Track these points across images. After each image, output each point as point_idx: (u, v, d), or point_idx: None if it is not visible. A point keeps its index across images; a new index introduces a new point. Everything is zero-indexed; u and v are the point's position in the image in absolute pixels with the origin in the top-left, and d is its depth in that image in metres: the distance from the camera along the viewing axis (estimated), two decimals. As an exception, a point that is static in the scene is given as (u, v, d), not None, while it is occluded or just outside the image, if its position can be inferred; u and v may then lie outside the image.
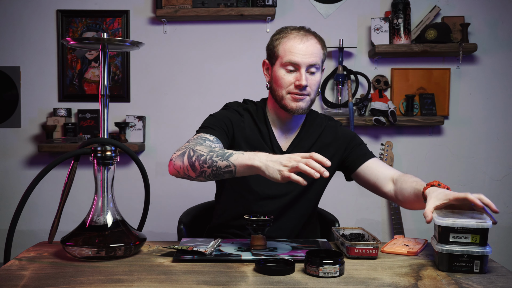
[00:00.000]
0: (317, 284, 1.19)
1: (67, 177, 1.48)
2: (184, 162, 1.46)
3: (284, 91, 1.63)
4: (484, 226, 1.21)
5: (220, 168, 1.40)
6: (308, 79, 1.61)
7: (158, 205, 3.01)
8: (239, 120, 1.70)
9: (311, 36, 1.64)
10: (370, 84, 2.98)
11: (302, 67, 1.60)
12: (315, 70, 1.63)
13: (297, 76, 1.61)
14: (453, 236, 1.23)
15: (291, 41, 1.62)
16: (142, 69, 3.06)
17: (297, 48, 1.60)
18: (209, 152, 1.43)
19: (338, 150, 1.74)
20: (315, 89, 1.65)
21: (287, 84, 1.62)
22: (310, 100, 1.66)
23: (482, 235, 1.21)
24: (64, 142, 2.90)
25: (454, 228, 1.23)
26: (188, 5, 2.90)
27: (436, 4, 2.98)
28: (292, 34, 1.63)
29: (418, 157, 3.06)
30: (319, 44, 1.65)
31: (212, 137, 1.59)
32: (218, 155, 1.42)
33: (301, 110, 1.64)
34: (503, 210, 3.08)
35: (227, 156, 1.40)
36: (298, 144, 1.72)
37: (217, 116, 1.70)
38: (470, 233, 1.21)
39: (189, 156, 1.45)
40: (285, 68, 1.62)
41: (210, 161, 1.41)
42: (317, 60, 1.62)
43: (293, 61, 1.60)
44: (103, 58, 1.45)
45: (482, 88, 3.05)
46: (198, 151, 1.45)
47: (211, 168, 1.41)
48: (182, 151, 1.49)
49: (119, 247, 1.37)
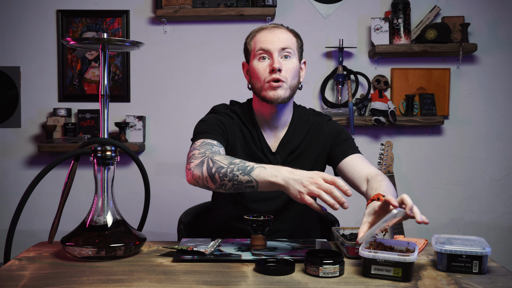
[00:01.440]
0: (317, 284, 1.19)
1: (67, 177, 1.48)
2: (203, 173, 1.42)
3: (261, 81, 1.62)
4: (406, 260, 1.19)
5: (242, 183, 1.38)
6: (282, 63, 1.61)
7: (158, 205, 3.01)
8: (230, 123, 1.69)
9: (280, 27, 1.67)
10: (370, 84, 2.98)
11: (273, 52, 1.61)
12: (289, 54, 1.62)
13: (270, 62, 1.62)
14: (374, 268, 1.23)
15: (260, 33, 1.66)
16: (142, 69, 3.06)
17: (267, 37, 1.63)
18: (229, 165, 1.40)
19: (325, 146, 1.73)
20: (291, 75, 1.62)
21: (262, 72, 1.62)
22: (289, 88, 1.63)
23: (405, 269, 1.20)
24: (64, 142, 2.90)
25: (376, 260, 1.22)
26: (188, 5, 2.90)
27: (436, 4, 2.98)
28: (262, 29, 1.67)
29: (418, 157, 3.06)
30: (290, 32, 1.67)
31: (215, 141, 1.58)
32: (239, 168, 1.38)
33: (280, 98, 1.61)
34: (503, 210, 3.08)
35: (248, 170, 1.37)
36: (286, 143, 1.71)
37: (209, 121, 1.68)
38: (392, 266, 1.21)
39: (209, 167, 1.42)
40: (258, 57, 1.63)
41: (231, 174, 1.38)
42: (289, 44, 1.63)
43: (264, 48, 1.61)
44: (103, 58, 1.45)
45: (482, 88, 3.05)
46: (217, 162, 1.42)
47: (232, 182, 1.39)
48: (200, 160, 1.45)
49: (119, 247, 1.37)
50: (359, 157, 1.69)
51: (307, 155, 1.71)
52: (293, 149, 1.70)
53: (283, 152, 1.70)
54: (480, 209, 3.07)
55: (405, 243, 1.32)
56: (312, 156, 1.72)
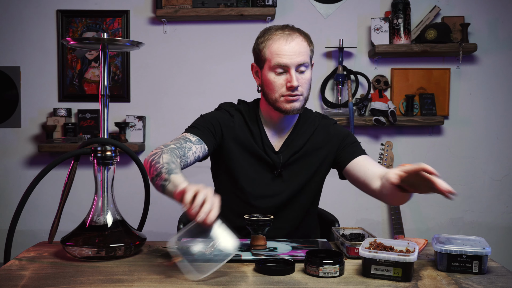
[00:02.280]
0: (317, 284, 1.19)
1: (67, 177, 1.48)
2: (146, 162, 1.48)
3: (277, 94, 1.62)
4: (406, 260, 1.20)
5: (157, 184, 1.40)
6: (299, 78, 1.60)
7: (158, 205, 3.01)
8: (229, 120, 1.71)
9: (296, 35, 1.62)
10: (370, 84, 2.98)
11: (291, 68, 1.59)
12: (305, 69, 1.61)
13: (287, 77, 1.60)
14: (374, 268, 1.23)
15: (276, 43, 1.60)
16: (142, 69, 3.06)
17: (284, 50, 1.58)
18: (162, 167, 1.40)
19: (331, 149, 1.74)
20: (307, 87, 1.64)
21: (279, 87, 1.61)
22: (304, 99, 1.64)
23: (405, 269, 1.20)
24: (64, 142, 2.90)
25: (376, 260, 1.22)
26: (188, 5, 2.90)
27: (436, 4, 2.98)
28: (276, 36, 1.61)
29: (418, 157, 3.06)
30: (305, 41, 1.63)
31: (194, 138, 1.62)
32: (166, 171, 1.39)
33: (296, 110, 1.63)
34: (503, 210, 3.08)
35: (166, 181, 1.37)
36: (290, 144, 1.71)
37: (206, 117, 1.72)
38: (392, 266, 1.21)
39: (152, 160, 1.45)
40: (274, 71, 1.61)
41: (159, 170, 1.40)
42: (305, 58, 1.60)
43: (281, 63, 1.58)
44: (103, 58, 1.45)
45: (482, 88, 3.05)
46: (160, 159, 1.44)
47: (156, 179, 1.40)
48: (155, 151, 1.50)
49: (119, 247, 1.37)
50: (369, 158, 1.71)
51: (311, 157, 1.72)
52: (296, 150, 1.71)
53: (286, 152, 1.70)
54: (480, 209, 3.07)
55: (405, 243, 1.32)
56: (317, 158, 1.72)
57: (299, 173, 1.71)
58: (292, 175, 1.70)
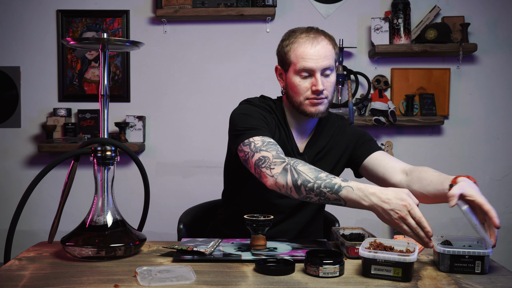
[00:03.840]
0: (317, 284, 1.19)
1: (67, 177, 1.48)
2: (288, 183, 1.40)
3: (301, 98, 1.61)
4: (406, 260, 1.20)
5: (329, 200, 1.37)
6: (324, 82, 1.59)
7: (158, 205, 3.01)
8: (271, 117, 1.67)
9: (321, 38, 1.61)
10: (370, 84, 2.98)
11: (316, 71, 1.58)
12: (330, 72, 1.61)
13: (312, 81, 1.59)
14: (374, 268, 1.23)
15: (301, 46, 1.59)
16: (142, 69, 3.06)
17: (309, 54, 1.58)
18: (316, 180, 1.37)
19: (347, 148, 1.75)
20: (331, 90, 1.64)
21: (304, 91, 1.60)
22: (328, 102, 1.64)
23: (405, 269, 1.20)
24: (64, 142, 2.90)
25: (376, 260, 1.22)
26: (188, 5, 2.90)
27: (436, 4, 2.98)
28: (302, 39, 1.60)
29: (418, 157, 3.06)
30: (330, 44, 1.62)
31: (273, 140, 1.54)
32: (326, 185, 1.36)
33: (321, 113, 1.63)
34: (503, 210, 3.08)
35: (336, 189, 1.34)
36: (313, 145, 1.72)
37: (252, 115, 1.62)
38: (392, 266, 1.21)
39: (293, 178, 1.39)
40: (300, 75, 1.60)
41: (318, 190, 1.36)
42: (331, 62, 1.60)
43: (307, 68, 1.58)
44: (103, 58, 1.45)
45: (482, 88, 3.05)
46: (302, 174, 1.39)
47: (319, 197, 1.37)
48: (282, 167, 1.41)
49: (119, 247, 1.37)
50: (387, 154, 1.72)
51: (330, 156, 1.74)
52: (319, 151, 1.72)
53: (310, 153, 1.71)
54: (480, 209, 3.07)
55: (405, 243, 1.32)
56: (335, 157, 1.74)
57: None
58: None
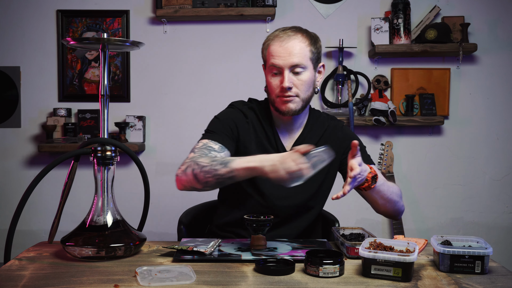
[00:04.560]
0: (317, 284, 1.20)
1: (67, 177, 1.48)
2: (188, 176, 1.48)
3: (273, 95, 1.64)
4: (406, 260, 1.20)
5: (222, 175, 1.43)
6: (293, 79, 1.60)
7: (158, 205, 3.01)
8: (244, 121, 1.70)
9: (295, 36, 1.61)
10: (370, 84, 2.98)
11: (284, 68, 1.59)
12: (301, 70, 1.60)
13: (281, 79, 1.61)
14: (374, 268, 1.23)
15: (273, 44, 1.62)
16: (142, 69, 3.06)
17: (277, 51, 1.60)
18: (211, 162, 1.46)
19: (338, 151, 1.73)
20: (304, 88, 1.62)
21: (275, 88, 1.63)
22: (301, 100, 1.63)
23: (405, 269, 1.20)
24: (64, 142, 2.90)
25: (376, 260, 1.22)
26: (188, 5, 2.90)
27: (436, 4, 2.98)
28: (276, 37, 1.62)
29: (418, 157, 3.06)
30: (304, 42, 1.61)
31: (217, 145, 1.60)
32: (219, 163, 1.44)
33: (292, 111, 1.63)
34: (503, 210, 3.08)
35: (226, 162, 1.44)
36: (301, 143, 1.70)
37: (221, 119, 1.69)
38: (392, 266, 1.21)
39: (193, 169, 1.47)
40: (271, 72, 1.63)
41: (212, 170, 1.44)
42: (301, 59, 1.59)
43: (275, 64, 1.60)
44: (103, 58, 1.45)
45: (482, 88, 3.05)
46: (200, 163, 1.47)
47: (215, 177, 1.44)
48: (186, 166, 1.51)
49: (119, 247, 1.37)
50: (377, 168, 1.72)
51: None
52: None
53: None
54: (480, 209, 3.07)
55: (405, 243, 1.32)
56: None
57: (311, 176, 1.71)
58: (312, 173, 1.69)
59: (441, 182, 3.07)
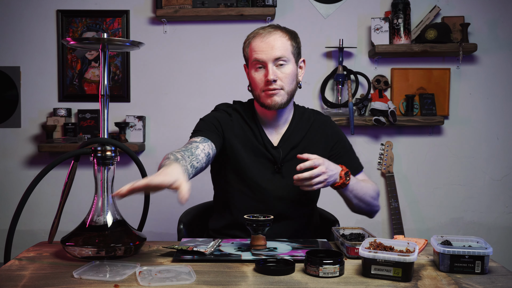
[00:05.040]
0: (317, 284, 1.20)
1: (67, 177, 1.48)
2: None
3: (258, 90, 1.68)
4: (406, 260, 1.20)
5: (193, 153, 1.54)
6: (277, 72, 1.65)
7: (158, 205, 3.01)
8: (227, 119, 1.75)
9: (275, 31, 1.67)
10: (370, 84, 2.98)
11: (268, 62, 1.64)
12: (284, 63, 1.65)
13: (265, 72, 1.65)
14: (374, 268, 1.23)
15: (254, 41, 1.67)
16: (142, 69, 3.06)
17: (260, 46, 1.65)
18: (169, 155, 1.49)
19: (326, 147, 1.78)
20: (288, 81, 1.67)
21: (259, 83, 1.67)
22: (286, 93, 1.67)
23: (405, 269, 1.20)
24: (64, 142, 2.90)
25: (376, 260, 1.23)
26: (188, 5, 2.90)
27: (436, 4, 2.98)
28: (256, 35, 1.68)
29: (418, 157, 3.06)
30: (284, 37, 1.67)
31: (199, 138, 1.65)
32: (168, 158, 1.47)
33: (278, 104, 1.67)
34: (503, 210, 3.08)
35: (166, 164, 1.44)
36: (287, 139, 1.75)
37: (205, 119, 1.76)
38: (392, 266, 1.21)
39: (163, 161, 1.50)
40: (254, 67, 1.67)
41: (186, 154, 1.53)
42: (283, 52, 1.64)
43: (258, 58, 1.65)
44: (103, 58, 1.45)
45: (482, 88, 3.05)
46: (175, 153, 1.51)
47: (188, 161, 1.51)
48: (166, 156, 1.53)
49: (119, 247, 1.37)
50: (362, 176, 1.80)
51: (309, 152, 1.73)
52: (294, 145, 1.74)
53: (285, 147, 1.74)
54: (480, 209, 3.07)
55: (405, 243, 1.32)
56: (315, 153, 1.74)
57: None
58: (292, 171, 1.72)
59: (441, 182, 3.07)
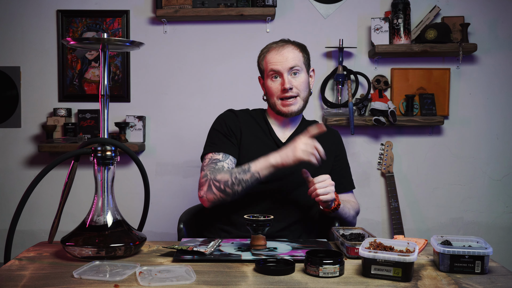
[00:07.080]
0: (317, 284, 1.20)
1: (67, 177, 1.48)
2: (215, 193, 1.66)
3: (275, 98, 1.82)
4: (406, 260, 1.20)
5: (248, 181, 1.63)
6: (292, 81, 1.80)
7: (158, 205, 3.01)
8: (235, 120, 1.85)
9: (287, 45, 1.83)
10: (370, 84, 2.98)
11: (283, 72, 1.79)
12: (297, 72, 1.81)
13: (281, 81, 1.80)
14: (374, 268, 1.23)
15: (270, 53, 1.84)
16: (142, 69, 3.06)
17: (275, 58, 1.81)
18: (231, 175, 1.64)
19: (331, 153, 1.86)
20: (303, 88, 1.82)
21: (275, 91, 1.81)
22: (302, 100, 1.82)
23: (405, 269, 1.21)
24: (64, 142, 2.90)
25: (376, 260, 1.23)
26: (188, 5, 2.90)
27: (436, 4, 2.98)
28: (271, 48, 1.84)
29: (418, 157, 3.06)
30: (296, 49, 1.83)
31: (220, 155, 1.76)
32: (239, 172, 1.64)
33: (294, 112, 1.81)
34: (503, 210, 3.08)
35: (247, 169, 1.64)
36: (296, 137, 1.76)
37: (216, 128, 1.86)
38: (392, 266, 1.21)
39: (216, 187, 1.65)
40: (271, 77, 1.83)
41: (236, 181, 1.63)
42: (296, 62, 1.80)
43: (274, 69, 1.80)
44: (103, 58, 1.45)
45: (482, 88, 3.05)
46: (221, 179, 1.65)
47: (240, 185, 1.63)
48: (206, 186, 1.67)
49: (119, 247, 1.37)
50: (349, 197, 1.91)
51: None
52: None
53: None
54: (480, 209, 3.07)
55: (405, 243, 1.32)
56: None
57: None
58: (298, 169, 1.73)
59: (441, 182, 3.07)
